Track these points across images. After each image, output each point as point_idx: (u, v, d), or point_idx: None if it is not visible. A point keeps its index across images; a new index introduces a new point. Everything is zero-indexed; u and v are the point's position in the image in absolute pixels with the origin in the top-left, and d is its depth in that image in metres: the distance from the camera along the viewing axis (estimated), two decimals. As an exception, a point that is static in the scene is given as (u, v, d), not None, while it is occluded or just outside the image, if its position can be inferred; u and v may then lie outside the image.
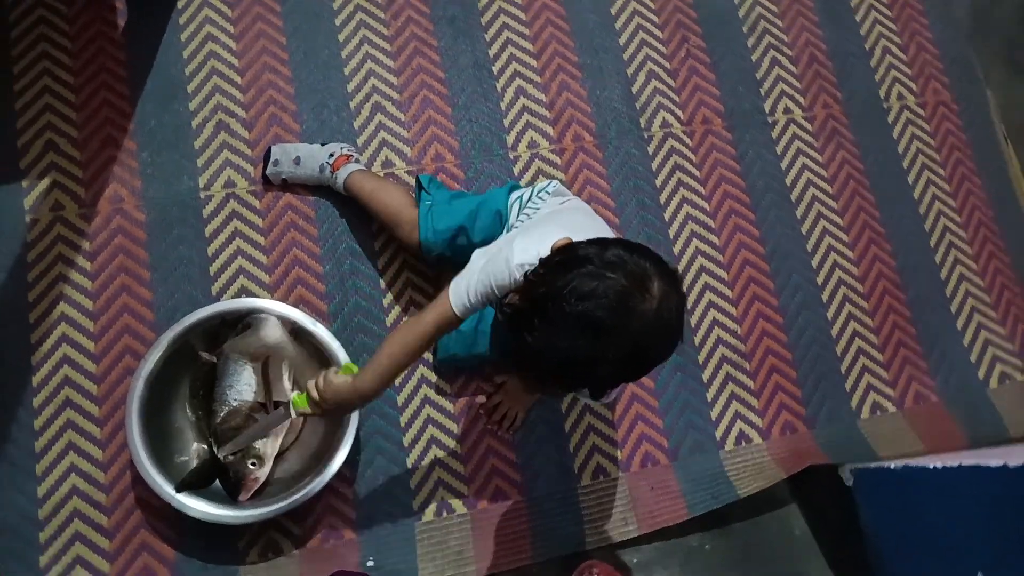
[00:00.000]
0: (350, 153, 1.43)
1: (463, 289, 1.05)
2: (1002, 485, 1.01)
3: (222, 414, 1.29)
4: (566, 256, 0.92)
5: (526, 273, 0.98)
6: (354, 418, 1.25)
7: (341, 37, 1.58)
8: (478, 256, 1.09)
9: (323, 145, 1.44)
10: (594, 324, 0.85)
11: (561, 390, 1.08)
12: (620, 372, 0.93)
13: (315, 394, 1.10)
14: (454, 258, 1.31)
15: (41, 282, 1.36)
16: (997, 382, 1.63)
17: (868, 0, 1.85)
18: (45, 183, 1.41)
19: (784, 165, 1.68)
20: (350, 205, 1.45)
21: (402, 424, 1.39)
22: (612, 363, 0.87)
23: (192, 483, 1.24)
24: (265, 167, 1.43)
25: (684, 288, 1.50)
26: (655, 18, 1.72)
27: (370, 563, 1.31)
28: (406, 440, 1.39)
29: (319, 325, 1.30)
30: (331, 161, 1.41)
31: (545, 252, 0.96)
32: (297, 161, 1.41)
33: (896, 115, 1.77)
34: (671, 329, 0.90)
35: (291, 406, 1.14)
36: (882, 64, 1.80)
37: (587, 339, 0.86)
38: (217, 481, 1.29)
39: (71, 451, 1.30)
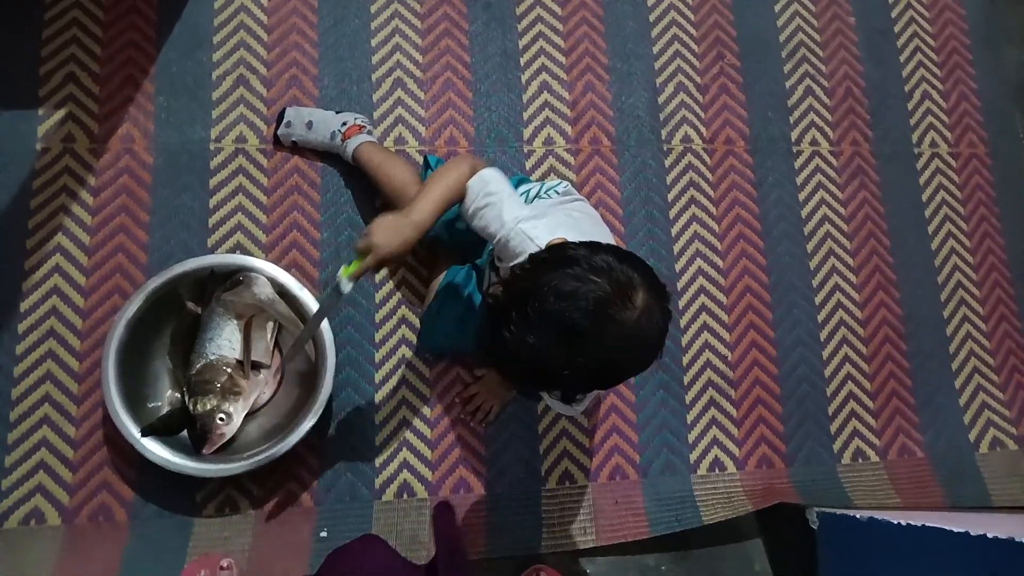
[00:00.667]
0: (363, 124, 1.42)
1: (483, 185, 1.07)
2: (960, 552, 0.98)
3: (198, 366, 1.29)
4: (554, 255, 0.91)
5: (512, 267, 0.97)
6: (327, 385, 1.25)
7: (373, 8, 1.57)
8: (503, 192, 1.07)
9: (338, 113, 1.43)
10: (569, 326, 0.84)
11: (531, 389, 1.06)
12: (590, 379, 0.91)
13: (362, 244, 1.02)
14: (451, 241, 1.31)
15: (43, 211, 1.38)
16: (988, 447, 1.59)
17: (916, 43, 1.80)
18: (60, 114, 1.42)
19: (802, 197, 1.65)
20: (357, 177, 1.45)
21: (376, 402, 1.39)
22: (583, 369, 0.86)
23: (159, 429, 1.24)
24: (277, 127, 1.43)
25: (680, 306, 1.51)
26: (693, 31, 1.69)
27: (323, 534, 1.30)
28: (378, 418, 1.38)
29: (306, 291, 1.29)
30: (343, 130, 1.40)
31: (544, 243, 0.97)
32: (309, 125, 1.41)
33: (926, 162, 1.73)
34: (648, 344, 0.88)
35: (340, 281, 1.02)
36: (920, 108, 1.76)
37: (560, 341, 0.85)
38: (185, 432, 1.30)
39: (48, 380, 1.32)
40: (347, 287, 1.03)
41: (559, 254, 0.90)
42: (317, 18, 1.55)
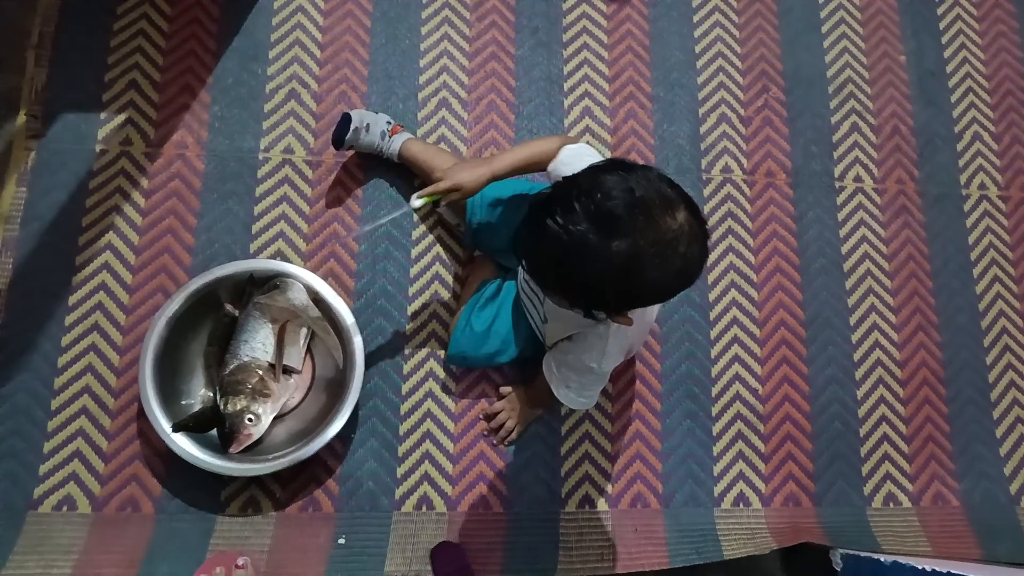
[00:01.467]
0: (400, 124, 1.48)
1: (578, 148, 1.14)
2: (985, 602, 0.95)
3: (231, 367, 1.32)
4: (610, 161, 0.95)
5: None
6: (353, 393, 1.27)
7: (424, 29, 1.62)
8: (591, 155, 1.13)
9: (376, 113, 1.47)
10: (609, 214, 0.86)
11: (552, 290, 1.06)
12: (611, 279, 0.89)
13: (439, 173, 1.16)
14: (494, 227, 1.32)
15: (97, 209, 1.44)
16: (1029, 501, 1.53)
17: (969, 83, 1.78)
18: (121, 118, 1.49)
19: (843, 233, 1.63)
20: (397, 188, 1.49)
21: (402, 412, 1.40)
22: (608, 262, 0.86)
23: (189, 426, 1.27)
24: (343, 132, 1.41)
25: (712, 336, 1.51)
26: (739, 63, 1.70)
27: (341, 541, 1.32)
28: (402, 429, 1.40)
29: (340, 300, 1.32)
30: (388, 128, 1.45)
31: None
32: (367, 128, 1.44)
33: (974, 204, 1.69)
34: (678, 258, 0.88)
35: (412, 198, 1.15)
36: (970, 149, 1.73)
37: (596, 228, 0.86)
38: (215, 430, 1.33)
39: (89, 373, 1.37)
40: (416, 202, 1.15)
41: (614, 161, 0.94)
42: (369, 37, 1.60)
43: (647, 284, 0.90)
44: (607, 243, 0.85)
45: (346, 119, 1.42)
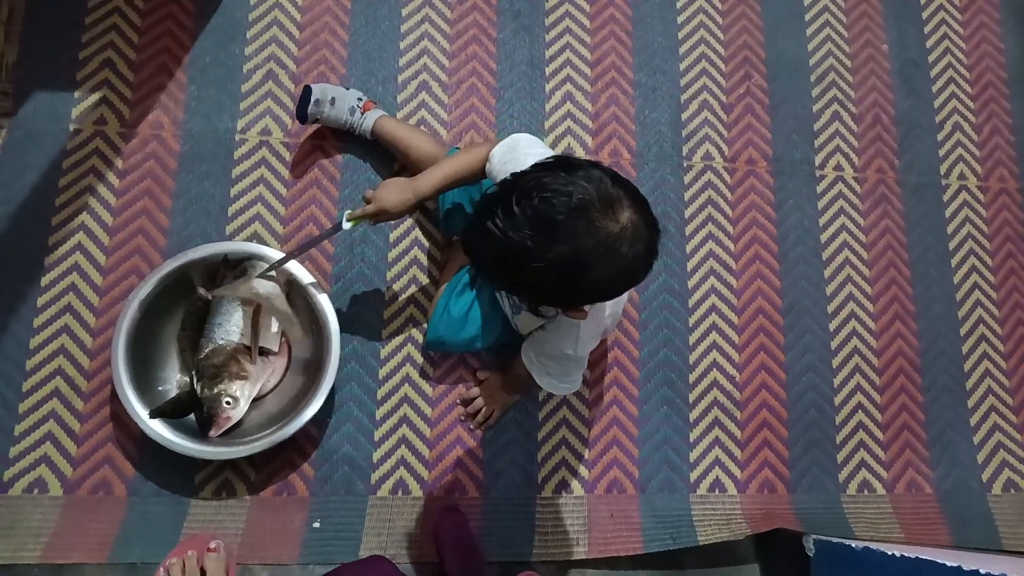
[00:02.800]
0: (374, 101, 1.46)
1: (512, 144, 1.12)
2: (952, 587, 0.96)
3: (207, 350, 1.31)
4: (555, 161, 0.93)
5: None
6: (329, 377, 1.26)
7: (405, 11, 1.60)
8: (528, 146, 1.12)
9: (347, 89, 1.45)
10: (547, 220, 0.85)
11: (502, 287, 1.07)
12: (553, 281, 0.89)
13: (368, 194, 1.16)
14: (464, 209, 1.33)
15: (70, 189, 1.42)
16: (1001, 488, 1.54)
17: (951, 73, 1.78)
18: (95, 97, 1.46)
19: (823, 221, 1.63)
20: (376, 171, 1.48)
21: (378, 397, 1.40)
22: (549, 266, 0.86)
23: (167, 412, 1.26)
24: (304, 105, 1.40)
25: (690, 323, 1.51)
26: (722, 50, 1.69)
27: (316, 525, 1.32)
28: (379, 413, 1.39)
29: (317, 284, 1.31)
30: (360, 104, 1.43)
31: None
32: (332, 102, 1.42)
33: (953, 194, 1.70)
34: (621, 259, 0.87)
35: (342, 218, 1.17)
36: (950, 140, 1.73)
37: (535, 233, 0.85)
38: (191, 415, 1.32)
39: (61, 354, 1.35)
40: (346, 225, 1.17)
41: (558, 159, 0.92)
42: (349, 18, 1.58)
43: (591, 285, 0.90)
44: (546, 247, 0.85)
45: (307, 91, 1.41)
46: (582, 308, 0.98)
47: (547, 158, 0.95)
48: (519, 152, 1.10)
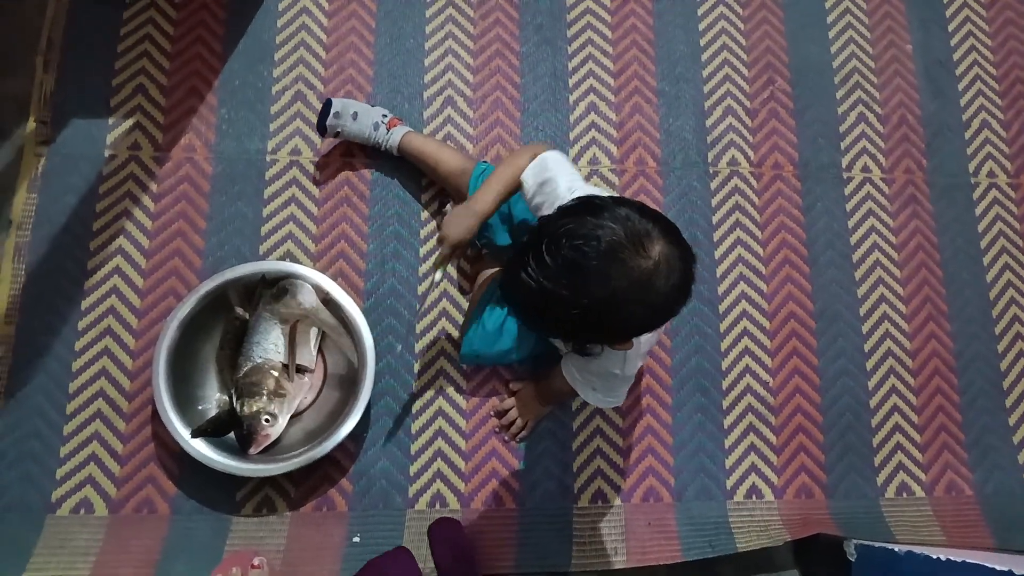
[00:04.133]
0: (399, 118, 1.48)
1: (542, 166, 1.13)
2: (1001, 591, 0.95)
3: (245, 368, 1.33)
4: (579, 203, 0.93)
5: (540, 216, 1.00)
6: (365, 392, 1.28)
7: (428, 28, 1.62)
8: (559, 169, 1.13)
9: (373, 107, 1.48)
10: (577, 266, 0.85)
11: (544, 334, 1.09)
12: (593, 323, 0.89)
13: (438, 238, 1.18)
14: (490, 223, 1.33)
15: (107, 214, 1.45)
16: (1043, 490, 1.53)
17: (976, 71, 1.77)
18: (129, 123, 1.50)
19: (851, 224, 1.62)
20: (404, 188, 1.50)
21: (413, 411, 1.41)
22: (586, 310, 0.86)
23: (207, 431, 1.28)
24: (324, 118, 1.43)
25: (721, 330, 1.51)
26: (745, 56, 1.69)
27: (356, 539, 1.33)
28: (414, 427, 1.40)
29: (350, 300, 1.33)
30: (385, 121, 1.45)
31: None
32: (355, 116, 1.44)
33: (983, 192, 1.68)
34: (656, 294, 0.87)
35: (436, 275, 1.19)
36: (978, 137, 1.72)
37: (570, 280, 0.86)
38: (231, 433, 1.34)
39: (103, 376, 1.38)
40: (437, 275, 1.19)
41: (583, 202, 0.93)
42: (374, 37, 1.60)
43: (630, 322, 0.90)
44: (581, 293, 0.85)
45: (327, 104, 1.43)
46: (628, 340, 0.99)
47: (571, 201, 0.95)
48: (550, 173, 1.12)
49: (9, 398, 1.35)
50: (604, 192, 1.14)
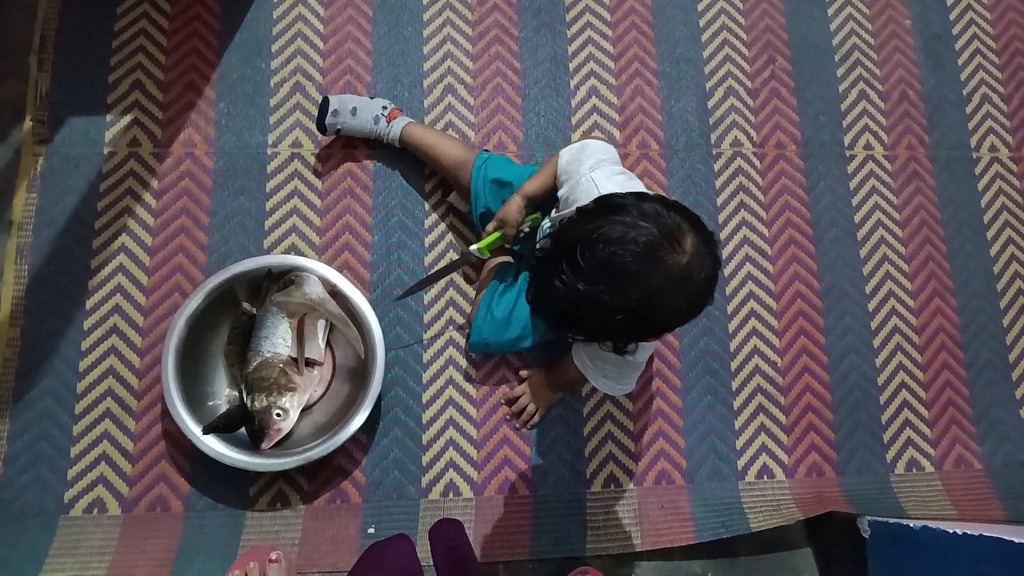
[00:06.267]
0: (400, 108, 1.47)
1: (575, 151, 1.17)
2: (1019, 563, 0.95)
3: (254, 364, 1.32)
4: (602, 203, 0.93)
5: (561, 220, 0.99)
6: (375, 384, 1.28)
7: (426, 16, 1.60)
8: (593, 151, 1.17)
9: (372, 99, 1.47)
10: (618, 270, 0.85)
11: (579, 339, 1.10)
12: (633, 324, 0.90)
13: (495, 223, 1.25)
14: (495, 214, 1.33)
15: (109, 212, 1.44)
16: (1051, 461, 1.53)
17: (976, 44, 1.76)
18: (127, 120, 1.48)
19: (855, 202, 1.62)
20: (408, 179, 1.49)
21: (424, 401, 1.41)
22: (628, 312, 0.87)
23: (219, 427, 1.28)
24: (323, 117, 1.42)
25: (728, 311, 1.51)
26: (744, 36, 1.68)
27: (371, 530, 1.33)
28: (425, 417, 1.40)
29: (356, 291, 1.32)
30: (385, 113, 1.44)
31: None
32: (354, 112, 1.43)
33: (985, 167, 1.68)
34: (694, 285, 0.88)
35: (473, 251, 1.28)
36: (979, 112, 1.72)
37: (610, 285, 0.86)
38: (243, 428, 1.33)
39: (111, 376, 1.37)
40: (475, 248, 1.28)
41: (607, 202, 0.93)
42: (371, 26, 1.58)
43: (670, 317, 0.91)
44: (623, 296, 0.86)
45: (324, 102, 1.42)
46: (663, 335, 0.99)
47: (591, 202, 0.95)
48: (584, 153, 1.14)
49: (17, 401, 1.34)
50: (625, 172, 1.14)
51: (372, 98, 1.47)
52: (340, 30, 1.57)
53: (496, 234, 1.27)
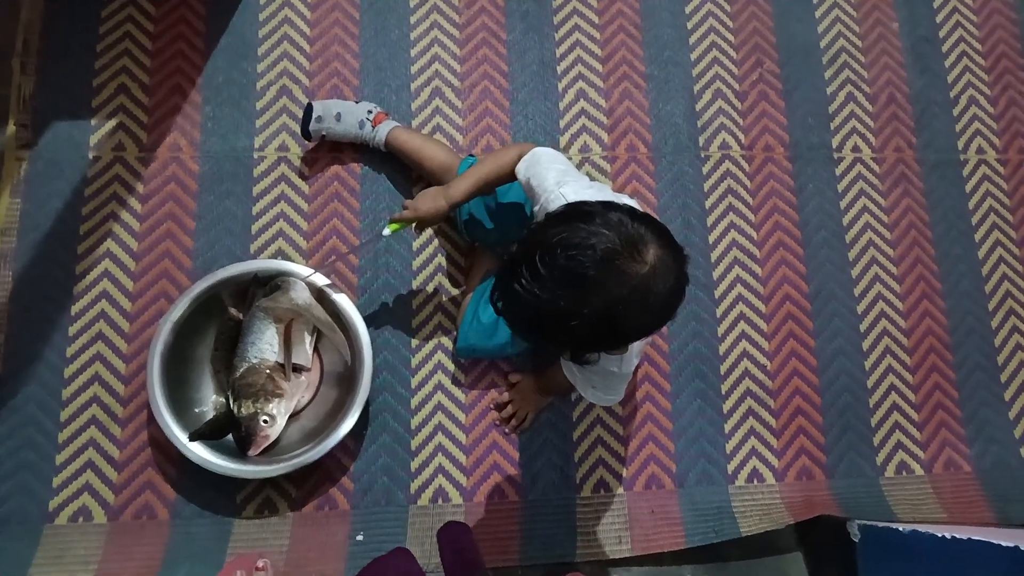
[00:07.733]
0: (386, 112, 1.46)
1: (536, 157, 1.15)
2: (1008, 567, 0.95)
3: (241, 370, 1.31)
4: (569, 210, 0.92)
5: (530, 225, 0.98)
6: (363, 390, 1.27)
7: (413, 19, 1.60)
8: (554, 163, 1.15)
9: (357, 103, 1.46)
10: (575, 276, 0.84)
11: (540, 346, 1.09)
12: (592, 333, 0.88)
13: (407, 203, 1.20)
14: (479, 222, 1.34)
15: (94, 217, 1.42)
16: (1040, 463, 1.54)
17: (963, 47, 1.77)
18: (112, 124, 1.47)
19: (843, 204, 1.62)
20: (395, 182, 1.49)
21: (412, 406, 1.40)
22: (585, 320, 0.85)
23: (206, 434, 1.27)
24: (307, 123, 1.42)
25: (717, 314, 1.51)
26: (732, 38, 1.68)
27: (359, 538, 1.32)
28: (414, 422, 1.39)
29: (344, 296, 1.32)
30: (371, 117, 1.43)
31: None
32: (338, 117, 1.43)
33: (972, 169, 1.69)
34: (655, 299, 0.86)
35: (383, 229, 1.22)
36: (966, 114, 1.72)
37: (566, 291, 0.84)
38: (230, 435, 1.32)
39: (96, 382, 1.36)
40: (386, 231, 1.21)
41: (573, 209, 0.91)
42: (358, 29, 1.58)
43: (629, 328, 0.89)
44: (579, 303, 0.84)
45: (308, 108, 1.42)
46: (625, 347, 0.98)
47: (559, 208, 0.94)
48: (541, 166, 1.12)
49: (1, 407, 1.33)
50: (595, 186, 1.14)
51: (358, 102, 1.46)
52: (326, 33, 1.56)
53: (408, 222, 1.21)
